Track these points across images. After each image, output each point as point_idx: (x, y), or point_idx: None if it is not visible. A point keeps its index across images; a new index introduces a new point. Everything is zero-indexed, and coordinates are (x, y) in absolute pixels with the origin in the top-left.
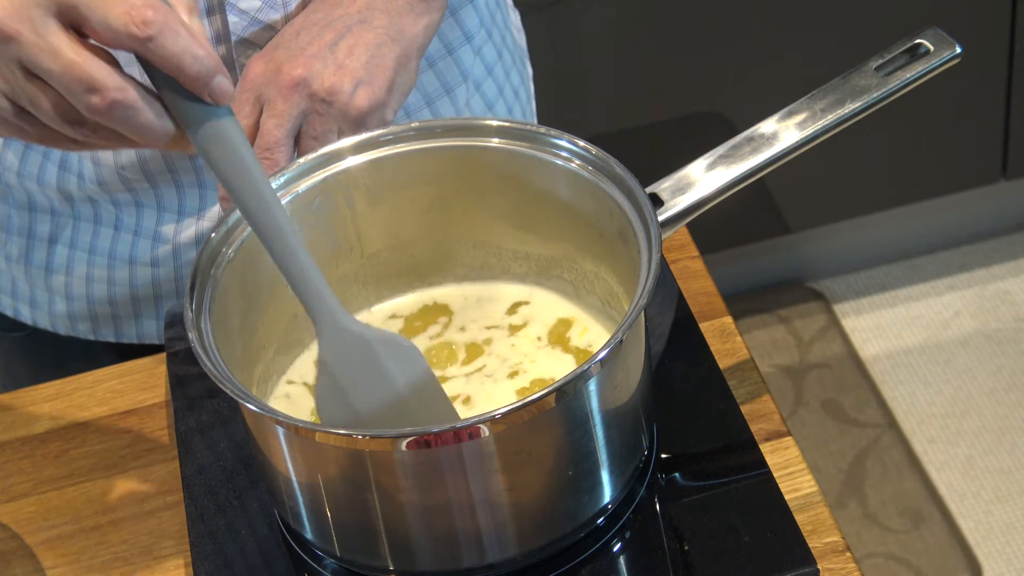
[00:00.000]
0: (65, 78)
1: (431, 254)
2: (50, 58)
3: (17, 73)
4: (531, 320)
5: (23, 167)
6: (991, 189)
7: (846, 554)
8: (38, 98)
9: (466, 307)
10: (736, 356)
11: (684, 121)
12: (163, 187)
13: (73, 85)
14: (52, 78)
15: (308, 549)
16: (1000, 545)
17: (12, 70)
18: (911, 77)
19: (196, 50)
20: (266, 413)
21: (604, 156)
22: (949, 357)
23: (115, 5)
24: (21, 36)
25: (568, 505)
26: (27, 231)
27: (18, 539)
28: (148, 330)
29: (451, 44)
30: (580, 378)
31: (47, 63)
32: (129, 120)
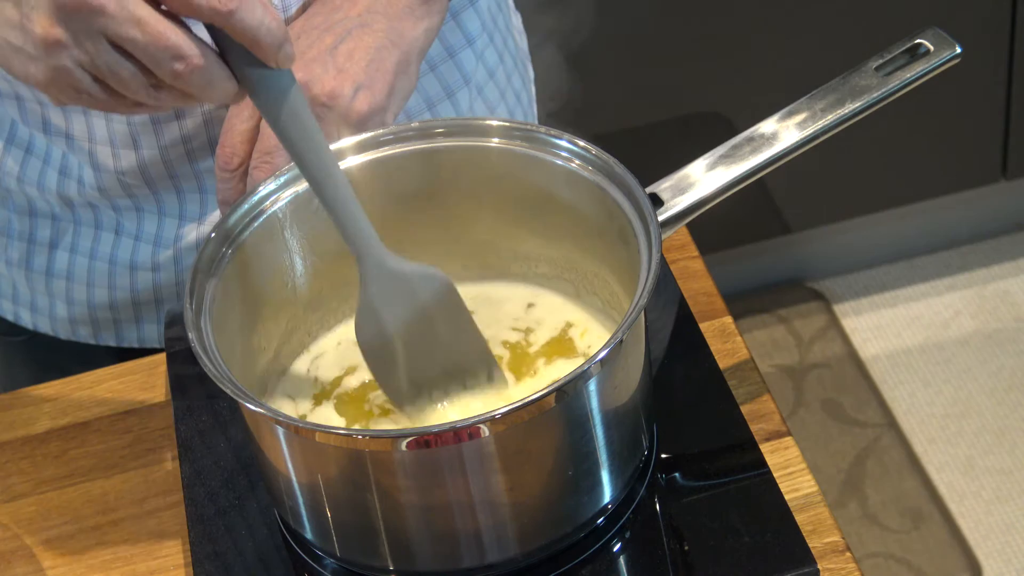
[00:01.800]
0: (151, 47)
1: (431, 254)
2: (136, 28)
3: (101, 44)
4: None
5: (23, 173)
6: (991, 189)
7: (846, 554)
8: (119, 67)
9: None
10: (736, 356)
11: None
12: (164, 192)
13: (159, 54)
14: (137, 47)
15: (308, 549)
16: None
17: (96, 42)
18: (911, 77)
19: (270, 22)
20: (266, 413)
21: (604, 156)
22: (949, 357)
23: None
24: (107, 8)
25: (568, 505)
26: (28, 236)
27: (18, 539)
28: (149, 334)
29: (453, 47)
30: (580, 378)
31: (133, 33)
32: (205, 83)
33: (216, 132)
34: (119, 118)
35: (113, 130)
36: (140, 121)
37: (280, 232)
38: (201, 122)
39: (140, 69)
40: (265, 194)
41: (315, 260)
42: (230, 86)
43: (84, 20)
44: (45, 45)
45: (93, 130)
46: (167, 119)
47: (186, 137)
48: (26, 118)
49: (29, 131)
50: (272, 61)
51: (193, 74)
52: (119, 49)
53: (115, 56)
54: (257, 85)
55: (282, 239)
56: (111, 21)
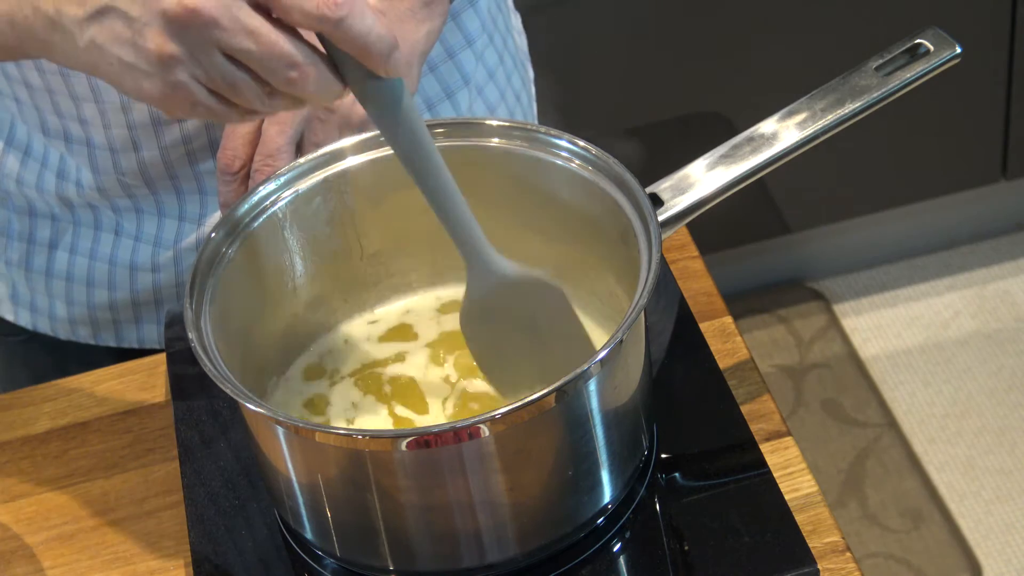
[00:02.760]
0: (266, 57)
1: (431, 254)
2: (251, 39)
3: (216, 57)
4: None
5: (22, 174)
6: (991, 189)
7: (846, 554)
8: (234, 78)
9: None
10: (736, 356)
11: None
12: (163, 193)
13: (274, 63)
14: (252, 58)
15: (308, 549)
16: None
17: (210, 55)
18: (911, 77)
19: (380, 30)
20: (266, 413)
21: (604, 156)
22: (949, 357)
23: None
24: (220, 21)
25: (568, 505)
26: (28, 236)
27: (18, 539)
28: (149, 335)
29: (452, 48)
30: (580, 378)
31: (248, 44)
32: (317, 89)
33: (217, 134)
34: (118, 122)
35: (112, 135)
36: (141, 123)
37: (280, 232)
38: (202, 123)
39: (254, 79)
40: (265, 194)
41: (315, 260)
42: (339, 88)
43: (198, 34)
44: (160, 61)
45: (91, 135)
46: (168, 120)
47: (187, 138)
48: (25, 119)
49: (27, 132)
50: (381, 70)
51: (307, 81)
52: (233, 60)
53: (230, 68)
54: (368, 94)
55: (282, 239)
56: (224, 33)
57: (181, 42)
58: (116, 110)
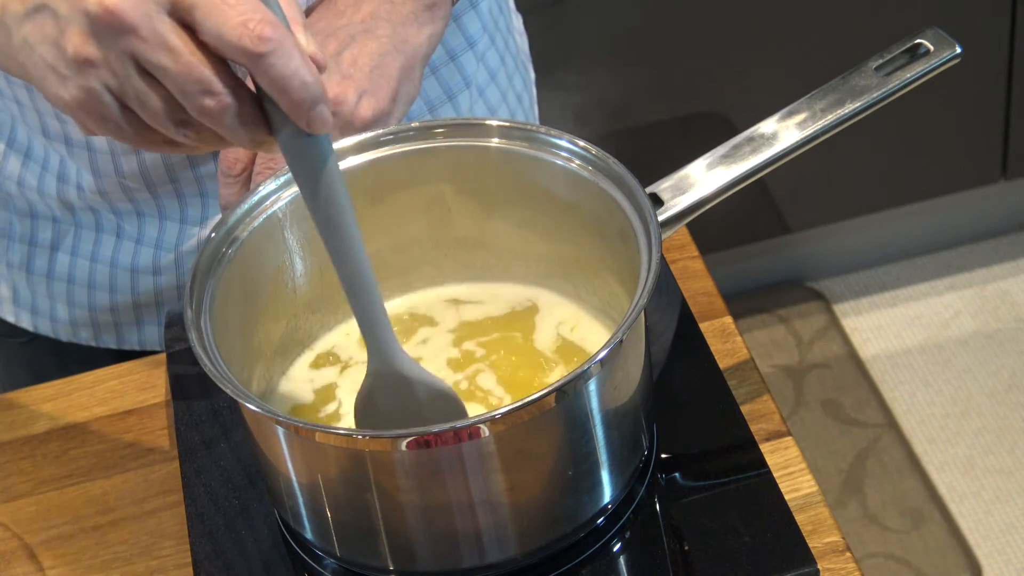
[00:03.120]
0: (181, 78)
1: (431, 254)
2: (168, 56)
3: (130, 68)
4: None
5: (23, 177)
6: (991, 189)
7: (846, 554)
8: (147, 96)
9: (466, 307)
10: (736, 356)
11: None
12: (164, 197)
13: (189, 86)
14: (167, 76)
15: (308, 549)
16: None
17: (125, 65)
18: (911, 77)
19: (305, 76)
20: (266, 413)
21: (604, 156)
22: (949, 357)
23: (232, 16)
24: (140, 29)
25: (568, 505)
26: (29, 238)
27: (18, 539)
28: (150, 337)
29: (454, 50)
30: (580, 378)
31: (164, 61)
32: (236, 125)
33: None
34: None
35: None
36: None
37: (280, 232)
38: None
39: (169, 100)
40: (265, 194)
41: (315, 260)
42: (261, 133)
43: (115, 39)
44: (76, 63)
45: (91, 138)
46: None
47: None
48: (25, 122)
49: (28, 135)
50: (302, 120)
51: (223, 113)
52: (149, 76)
53: (143, 84)
54: (289, 145)
55: (282, 239)
56: (142, 44)
57: (98, 45)
58: None
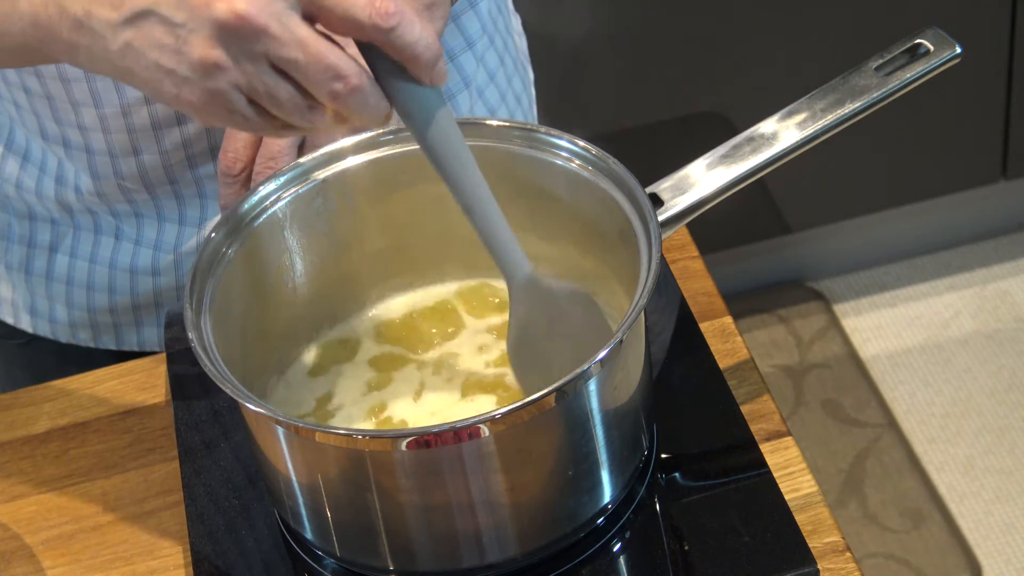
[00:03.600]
0: (312, 68)
1: (431, 254)
2: (298, 49)
3: (261, 66)
4: None
5: (21, 179)
6: (991, 189)
7: (846, 554)
8: (277, 89)
9: (466, 307)
10: (736, 356)
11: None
12: (163, 198)
13: (319, 74)
14: (298, 69)
15: (308, 549)
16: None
17: (256, 63)
18: (911, 77)
19: (428, 38)
20: (266, 413)
21: (604, 156)
22: (949, 357)
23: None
24: (270, 29)
25: (568, 505)
26: (28, 239)
27: (18, 539)
28: (149, 338)
29: (453, 50)
30: (580, 378)
31: (295, 54)
32: (361, 104)
33: (217, 138)
34: (117, 127)
35: (112, 140)
36: (141, 127)
37: (280, 232)
38: (202, 127)
39: (297, 90)
40: (265, 194)
41: (315, 260)
42: (384, 106)
43: (247, 42)
44: (203, 68)
45: (90, 141)
46: (168, 124)
47: (187, 142)
48: (23, 124)
49: (26, 137)
50: (427, 78)
51: (352, 95)
52: (278, 70)
53: (275, 78)
54: (409, 104)
55: (282, 239)
56: (274, 42)
57: (227, 50)
58: (116, 115)
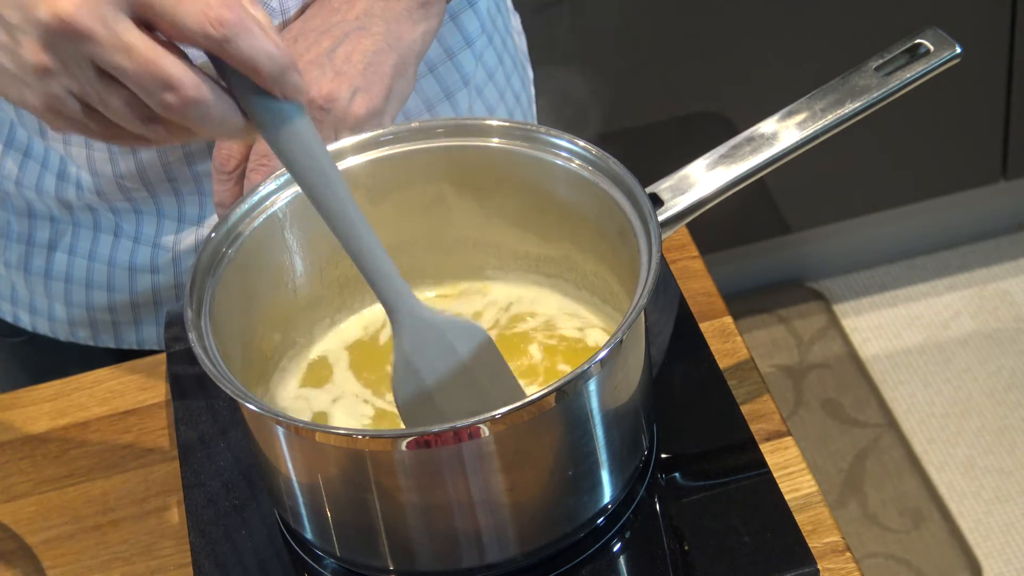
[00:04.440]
0: (140, 76)
1: (431, 254)
2: (125, 56)
3: (89, 71)
4: (531, 320)
5: (22, 176)
6: (991, 189)
7: (846, 554)
8: (109, 97)
9: (466, 307)
10: (736, 356)
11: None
12: (162, 195)
13: (149, 83)
14: (126, 76)
15: (308, 549)
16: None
17: (83, 68)
18: (911, 77)
19: (271, 48)
20: (266, 413)
21: (604, 156)
22: (949, 357)
23: (190, 4)
24: (95, 34)
25: (568, 505)
26: (26, 237)
27: (18, 539)
28: (148, 336)
29: (452, 49)
30: (580, 378)
31: (121, 61)
32: (203, 117)
33: None
34: None
35: None
36: None
37: (280, 232)
38: None
39: (132, 99)
40: (265, 194)
41: (315, 260)
42: (235, 120)
43: (72, 46)
44: (35, 71)
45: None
46: None
47: None
48: (24, 121)
49: (27, 135)
50: (277, 91)
51: (188, 106)
52: (110, 77)
53: (103, 85)
54: (262, 117)
55: (282, 239)
56: (99, 48)
57: (55, 54)
58: None
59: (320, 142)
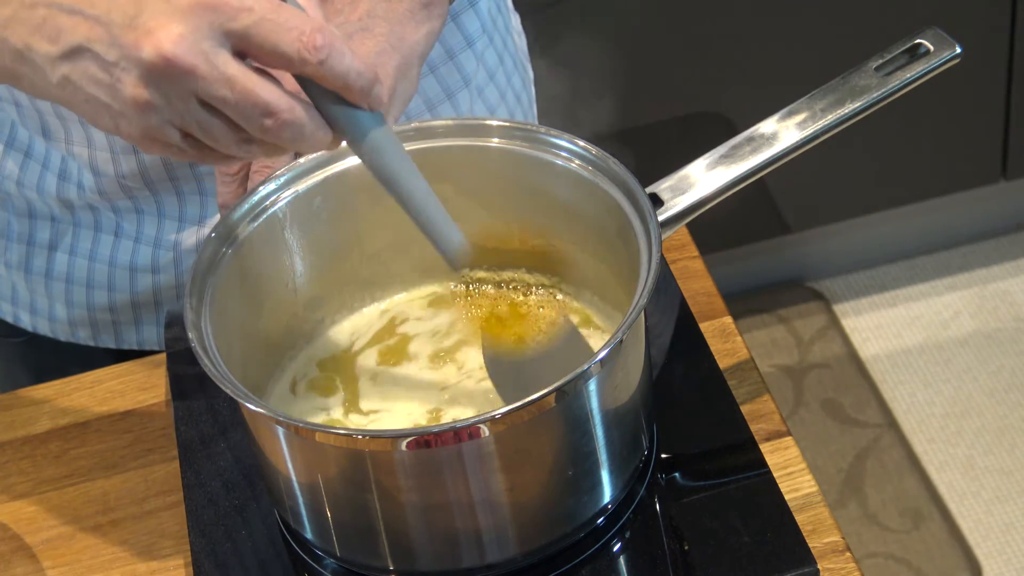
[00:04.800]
0: (241, 105)
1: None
2: (227, 87)
3: (192, 104)
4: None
5: (23, 176)
6: (991, 189)
7: (846, 554)
8: (210, 125)
9: (467, 307)
10: (736, 356)
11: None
12: (164, 195)
13: (249, 111)
14: (227, 106)
15: (308, 549)
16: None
17: (186, 102)
18: (911, 77)
19: (359, 66)
20: (266, 413)
21: (604, 156)
22: (949, 357)
23: (286, 32)
24: (198, 70)
25: (568, 505)
26: (27, 238)
27: (18, 539)
28: (148, 336)
29: (452, 49)
30: (580, 378)
31: (223, 92)
32: (296, 136)
33: None
34: None
35: (113, 137)
36: None
37: (280, 232)
38: None
39: (230, 125)
40: (265, 194)
41: (315, 260)
42: (324, 135)
43: (175, 83)
44: (136, 106)
45: (92, 137)
46: None
47: None
48: (25, 122)
49: (28, 135)
50: (364, 104)
51: (283, 128)
52: (209, 107)
53: (205, 115)
54: (351, 130)
55: (282, 239)
56: (202, 82)
57: (157, 90)
58: None
59: (400, 144)
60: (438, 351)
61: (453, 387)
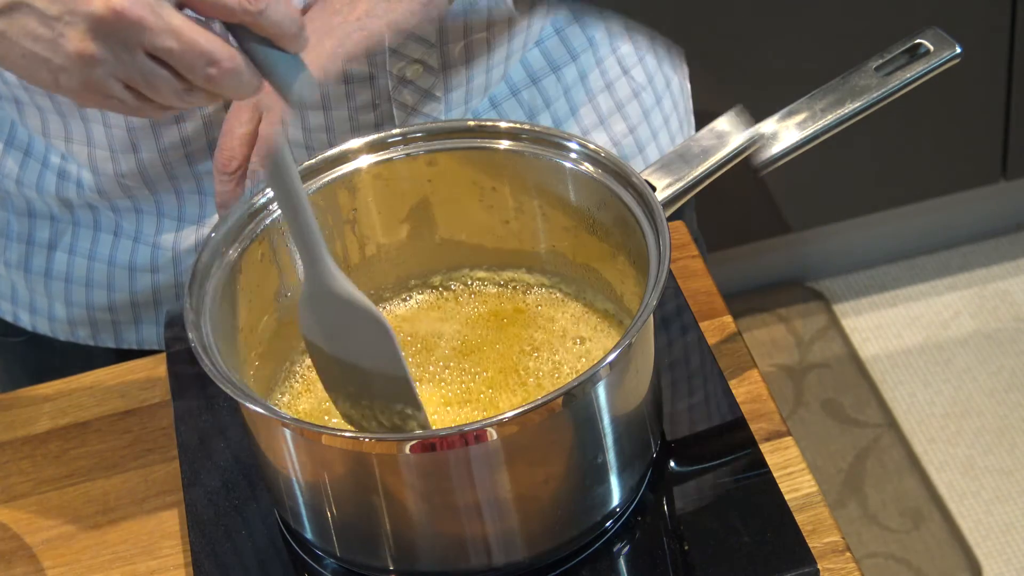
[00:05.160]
0: (187, 56)
1: (431, 255)
2: (173, 38)
3: (138, 56)
4: (532, 320)
5: (22, 175)
6: (991, 189)
7: (846, 554)
8: (154, 76)
9: (467, 308)
10: (736, 356)
11: None
12: (163, 194)
13: (195, 60)
14: (173, 57)
15: (308, 549)
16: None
17: (133, 54)
18: (911, 77)
19: (292, 13)
20: (267, 413)
21: (613, 158)
22: (949, 357)
23: None
24: (145, 21)
25: (577, 509)
26: (27, 237)
27: (18, 539)
28: (148, 336)
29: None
30: (589, 381)
31: (170, 43)
32: (235, 83)
33: (215, 135)
34: (118, 123)
35: (112, 135)
36: (139, 125)
37: (281, 233)
38: (201, 125)
39: (174, 76)
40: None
41: None
42: (256, 80)
43: (123, 35)
44: (80, 60)
45: (92, 135)
46: (167, 123)
47: (185, 140)
48: (24, 121)
49: (28, 134)
50: (293, 48)
51: (225, 76)
52: (154, 58)
53: (150, 66)
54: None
55: (283, 240)
56: (149, 34)
57: (104, 42)
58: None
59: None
60: (439, 353)
61: (455, 389)
